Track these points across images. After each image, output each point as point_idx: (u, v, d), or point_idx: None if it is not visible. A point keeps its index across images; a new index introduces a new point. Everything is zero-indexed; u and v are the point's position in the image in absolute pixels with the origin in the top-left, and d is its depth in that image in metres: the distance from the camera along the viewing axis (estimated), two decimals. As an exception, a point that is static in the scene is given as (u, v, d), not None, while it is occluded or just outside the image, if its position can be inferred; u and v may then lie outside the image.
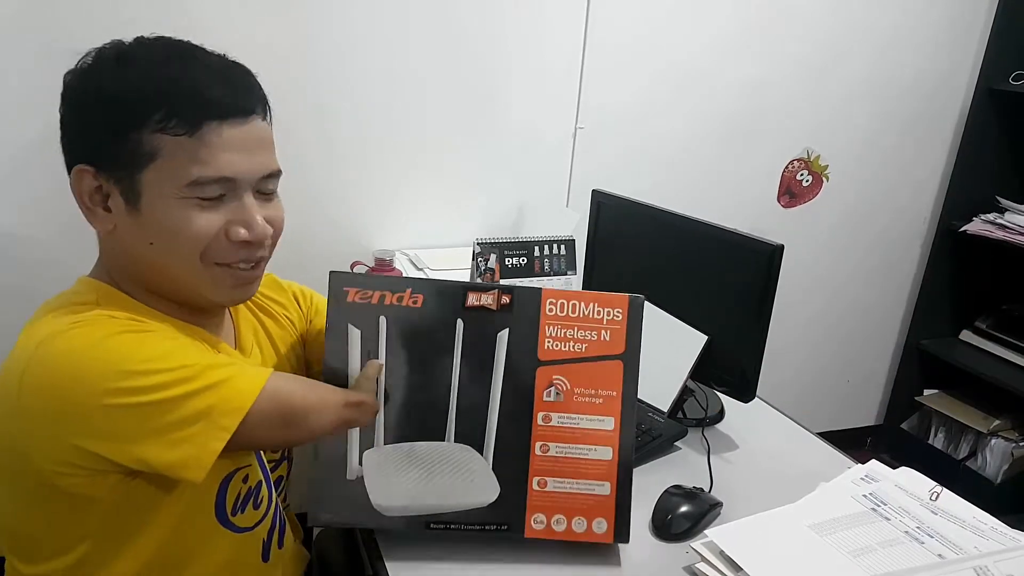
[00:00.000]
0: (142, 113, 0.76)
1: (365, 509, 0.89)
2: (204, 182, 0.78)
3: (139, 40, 0.81)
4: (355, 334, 0.90)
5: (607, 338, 0.94)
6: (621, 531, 0.91)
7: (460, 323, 0.92)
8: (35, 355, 0.73)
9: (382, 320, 0.90)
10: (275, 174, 0.86)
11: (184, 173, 0.77)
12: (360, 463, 0.90)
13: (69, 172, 0.81)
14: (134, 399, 0.72)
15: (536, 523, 0.89)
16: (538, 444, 0.92)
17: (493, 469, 0.91)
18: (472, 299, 0.92)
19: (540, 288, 0.94)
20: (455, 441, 0.92)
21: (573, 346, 0.93)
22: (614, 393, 0.94)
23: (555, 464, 0.92)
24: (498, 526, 0.89)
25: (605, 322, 0.94)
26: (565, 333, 0.93)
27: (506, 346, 0.92)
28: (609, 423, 0.94)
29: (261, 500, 0.93)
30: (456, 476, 0.91)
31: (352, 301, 0.90)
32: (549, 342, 0.93)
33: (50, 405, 0.73)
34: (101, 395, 0.71)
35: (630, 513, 0.92)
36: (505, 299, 0.92)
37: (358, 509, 0.89)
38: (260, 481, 0.92)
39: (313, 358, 1.08)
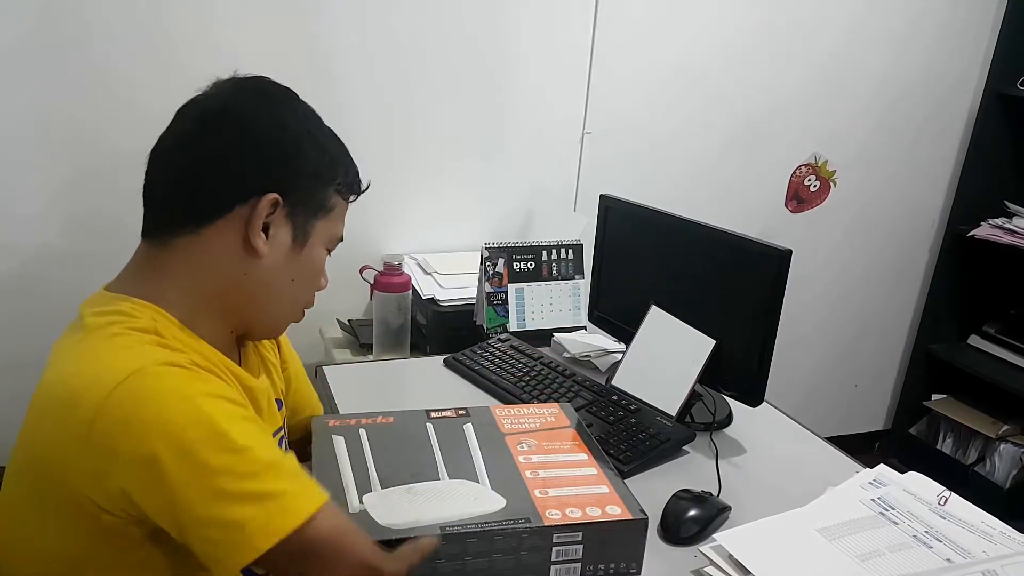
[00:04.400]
0: (337, 172, 0.89)
1: (373, 526, 0.85)
2: (340, 239, 0.93)
3: (288, 92, 0.89)
4: (339, 440, 1.01)
5: (552, 420, 1.12)
6: (635, 510, 0.91)
7: (431, 426, 1.07)
8: (121, 389, 0.70)
9: (361, 432, 1.04)
10: None
11: (337, 231, 0.92)
12: (361, 502, 0.90)
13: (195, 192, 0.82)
14: (204, 469, 0.70)
15: (551, 515, 0.90)
16: (527, 472, 0.98)
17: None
18: (434, 414, 1.10)
19: (488, 406, 1.14)
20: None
21: (527, 425, 1.10)
22: (577, 442, 1.07)
23: (549, 481, 0.96)
24: (516, 522, 0.89)
25: (547, 414, 1.13)
26: (518, 422, 1.11)
27: (474, 434, 1.06)
28: (583, 456, 1.03)
29: None
30: (460, 499, 0.92)
31: (333, 425, 1.06)
32: (507, 423, 1.10)
33: (123, 445, 0.70)
34: (179, 450, 0.70)
35: (637, 500, 0.93)
36: (462, 411, 1.12)
37: (365, 528, 0.84)
38: None
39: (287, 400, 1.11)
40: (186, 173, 0.83)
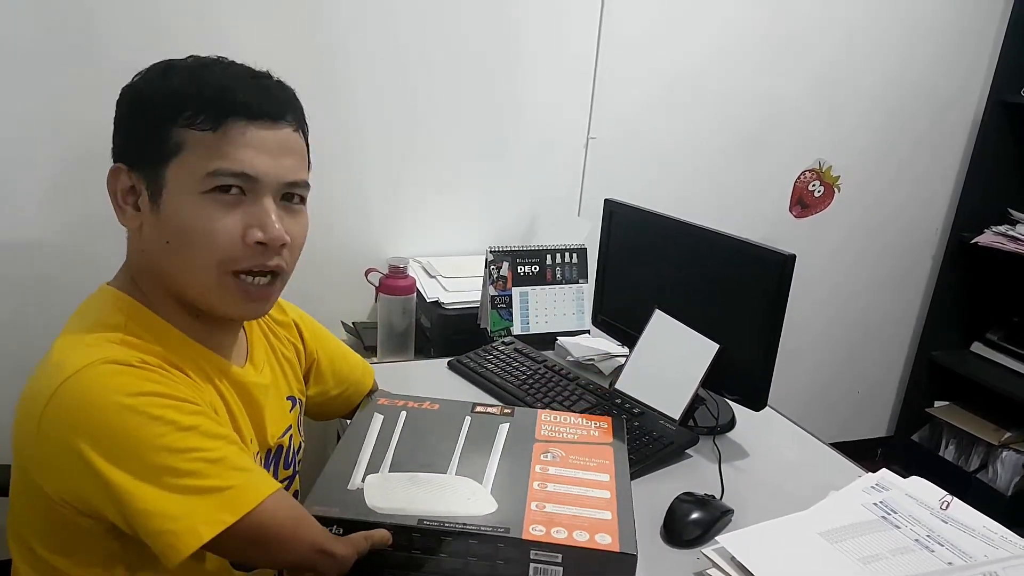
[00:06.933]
0: (173, 109, 0.79)
1: (360, 506, 0.89)
2: (222, 174, 0.79)
3: (191, 56, 0.85)
4: (378, 419, 1.09)
5: (596, 435, 1.11)
6: (626, 543, 0.86)
7: (468, 419, 1.11)
8: (63, 387, 0.73)
9: (403, 413, 1.11)
10: (301, 184, 0.86)
11: (204, 165, 0.78)
12: (363, 481, 0.94)
13: None
14: (142, 467, 0.72)
15: (535, 530, 0.87)
16: (535, 483, 0.96)
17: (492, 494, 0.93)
18: (479, 408, 1.14)
19: (537, 410, 1.16)
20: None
21: (565, 434, 1.10)
22: (607, 461, 1.03)
23: (553, 495, 0.93)
24: (495, 529, 0.87)
25: (593, 427, 1.13)
26: (559, 430, 1.11)
27: (505, 434, 1.07)
28: (604, 477, 0.99)
29: None
30: (454, 494, 0.92)
31: (380, 404, 1.14)
32: (546, 429, 1.10)
33: (67, 439, 0.72)
34: (116, 449, 0.72)
35: (635, 534, 0.89)
36: (507, 410, 1.15)
37: (353, 505, 0.89)
38: None
39: (316, 386, 1.13)
40: None
